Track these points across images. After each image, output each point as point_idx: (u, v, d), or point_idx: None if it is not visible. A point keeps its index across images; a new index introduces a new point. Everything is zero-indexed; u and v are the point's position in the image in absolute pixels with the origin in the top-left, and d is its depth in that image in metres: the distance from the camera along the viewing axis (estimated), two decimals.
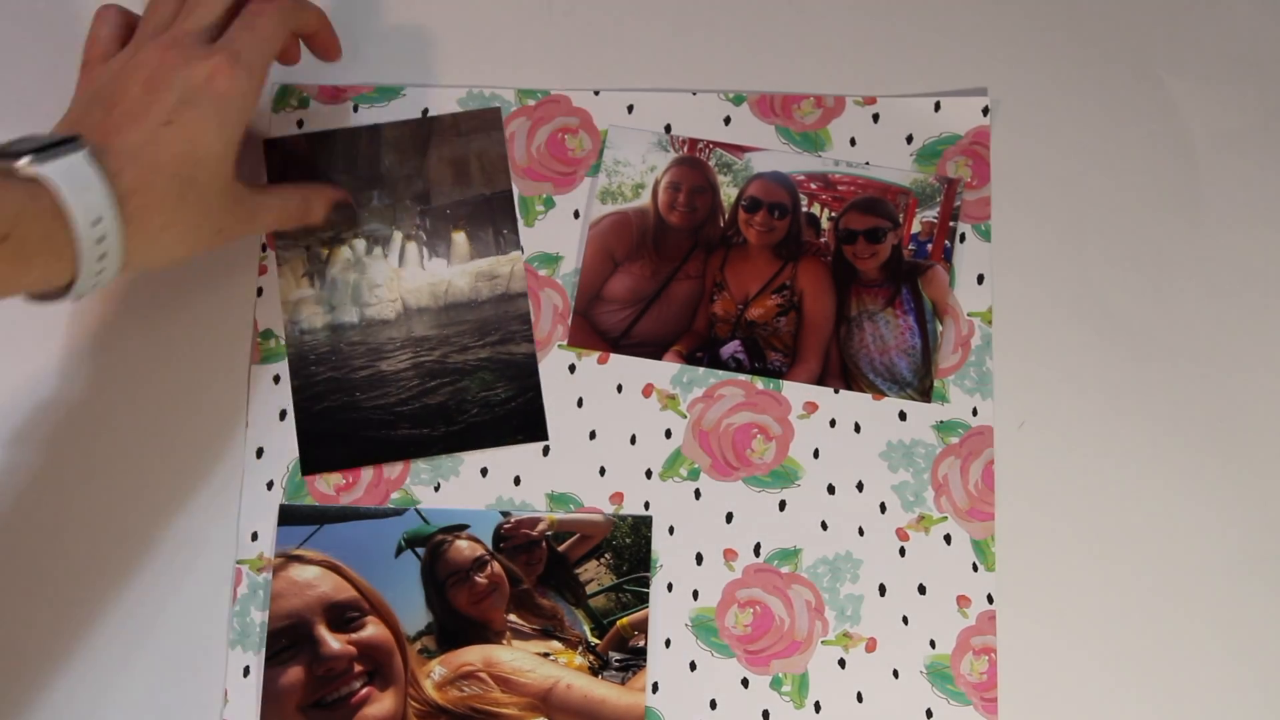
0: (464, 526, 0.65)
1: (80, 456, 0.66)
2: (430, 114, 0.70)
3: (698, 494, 0.66)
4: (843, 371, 0.67)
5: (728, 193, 0.69)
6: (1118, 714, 0.63)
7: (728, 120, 0.70)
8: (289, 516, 0.65)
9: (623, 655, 0.63)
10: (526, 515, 0.65)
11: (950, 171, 0.69)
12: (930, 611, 0.64)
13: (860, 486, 0.66)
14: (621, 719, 0.62)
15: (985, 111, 0.70)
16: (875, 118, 0.70)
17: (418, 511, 0.65)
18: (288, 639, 0.63)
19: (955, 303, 0.68)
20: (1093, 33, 0.72)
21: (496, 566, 0.64)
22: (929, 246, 0.68)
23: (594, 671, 0.63)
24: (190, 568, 0.65)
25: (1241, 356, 0.68)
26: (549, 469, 0.66)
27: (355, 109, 0.70)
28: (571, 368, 0.67)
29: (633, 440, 0.67)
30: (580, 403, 0.67)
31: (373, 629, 0.63)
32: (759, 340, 0.68)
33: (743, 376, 0.67)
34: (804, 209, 0.69)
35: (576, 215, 0.69)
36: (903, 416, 0.67)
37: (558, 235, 0.69)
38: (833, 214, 0.69)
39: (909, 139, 0.70)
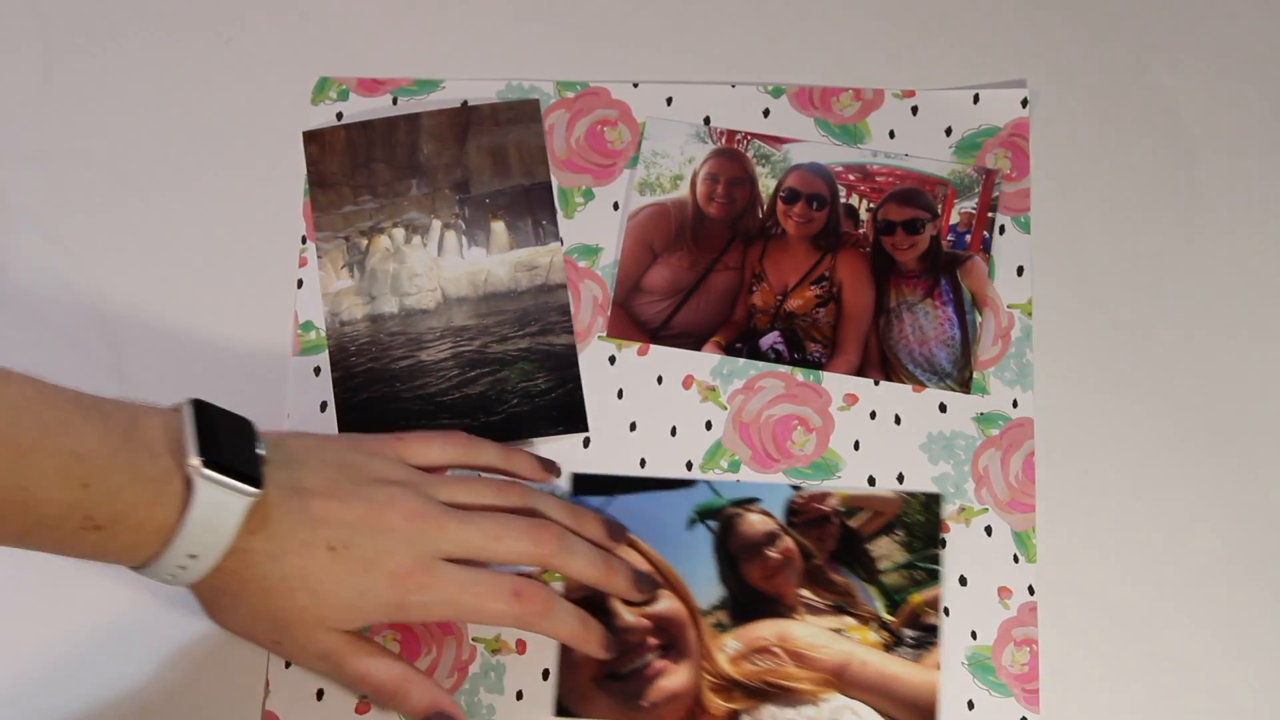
0: (755, 500, 0.65)
1: None
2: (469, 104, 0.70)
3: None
4: (882, 362, 0.67)
5: (766, 184, 0.69)
6: (1160, 704, 0.63)
7: (766, 113, 0.70)
8: (582, 486, 0.65)
9: (916, 632, 0.63)
10: (818, 490, 0.65)
11: (989, 163, 0.69)
12: (971, 603, 0.64)
13: (901, 478, 0.66)
14: (915, 696, 0.62)
15: (1024, 103, 0.70)
16: (914, 110, 0.70)
17: (709, 484, 0.65)
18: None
19: (994, 294, 0.68)
20: (1133, 22, 0.71)
21: (789, 541, 0.64)
22: (968, 237, 0.68)
23: (887, 648, 0.63)
24: None
25: None
26: (589, 461, 0.66)
27: (394, 101, 0.71)
28: (611, 359, 0.67)
29: (673, 432, 0.67)
30: (620, 394, 0.67)
31: (666, 602, 0.63)
32: (798, 331, 0.68)
33: (783, 368, 0.67)
34: (842, 200, 0.69)
35: (616, 207, 0.69)
36: (943, 408, 0.67)
37: (597, 227, 0.69)
38: (871, 205, 0.69)
39: (948, 131, 0.70)
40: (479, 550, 0.56)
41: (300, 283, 0.68)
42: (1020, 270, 0.68)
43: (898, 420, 0.67)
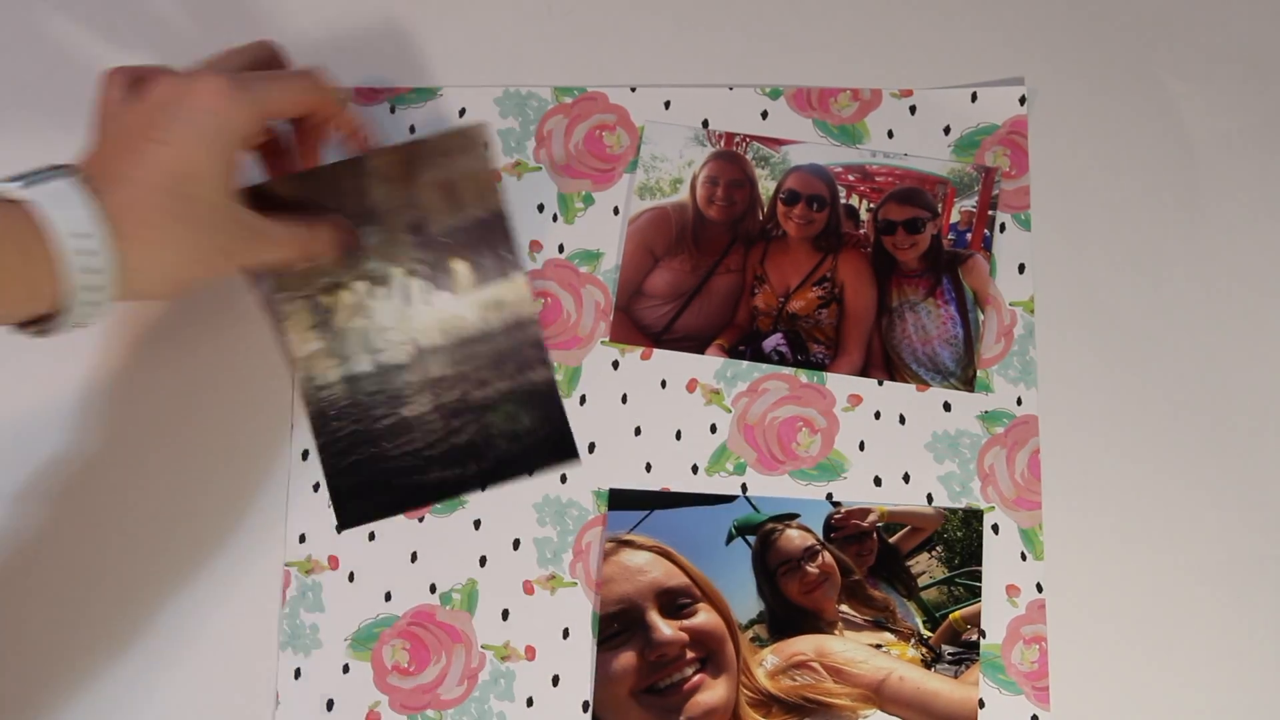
0: (794, 516, 0.65)
1: (130, 459, 0.66)
2: (466, 113, 0.70)
3: (744, 488, 0.66)
4: (885, 362, 0.67)
5: (765, 186, 0.69)
6: (1170, 700, 0.63)
7: (765, 114, 0.70)
8: (619, 501, 0.65)
9: (956, 649, 0.63)
10: (857, 506, 0.65)
11: (989, 161, 0.69)
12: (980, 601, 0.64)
13: (906, 478, 0.66)
14: (954, 713, 0.62)
15: (1022, 101, 0.70)
16: (912, 109, 0.70)
17: (748, 499, 0.65)
18: (620, 624, 0.63)
19: (996, 292, 0.68)
20: (1131, 18, 0.71)
21: (828, 556, 0.64)
22: (968, 236, 0.68)
23: (927, 664, 0.63)
24: (239, 571, 0.65)
25: None
26: (594, 466, 0.66)
27: (392, 110, 0.70)
28: (615, 364, 0.67)
29: (678, 436, 0.66)
30: (624, 399, 0.67)
31: (705, 616, 0.63)
32: (801, 333, 0.68)
33: (786, 370, 0.67)
34: (842, 201, 0.69)
35: (616, 212, 0.69)
36: (947, 407, 0.67)
37: (597, 232, 0.69)
38: (871, 205, 0.69)
39: (946, 130, 0.70)
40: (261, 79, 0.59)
41: None
42: (1021, 268, 0.68)
43: (902, 420, 0.67)
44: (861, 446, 0.66)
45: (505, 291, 0.66)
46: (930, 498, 0.65)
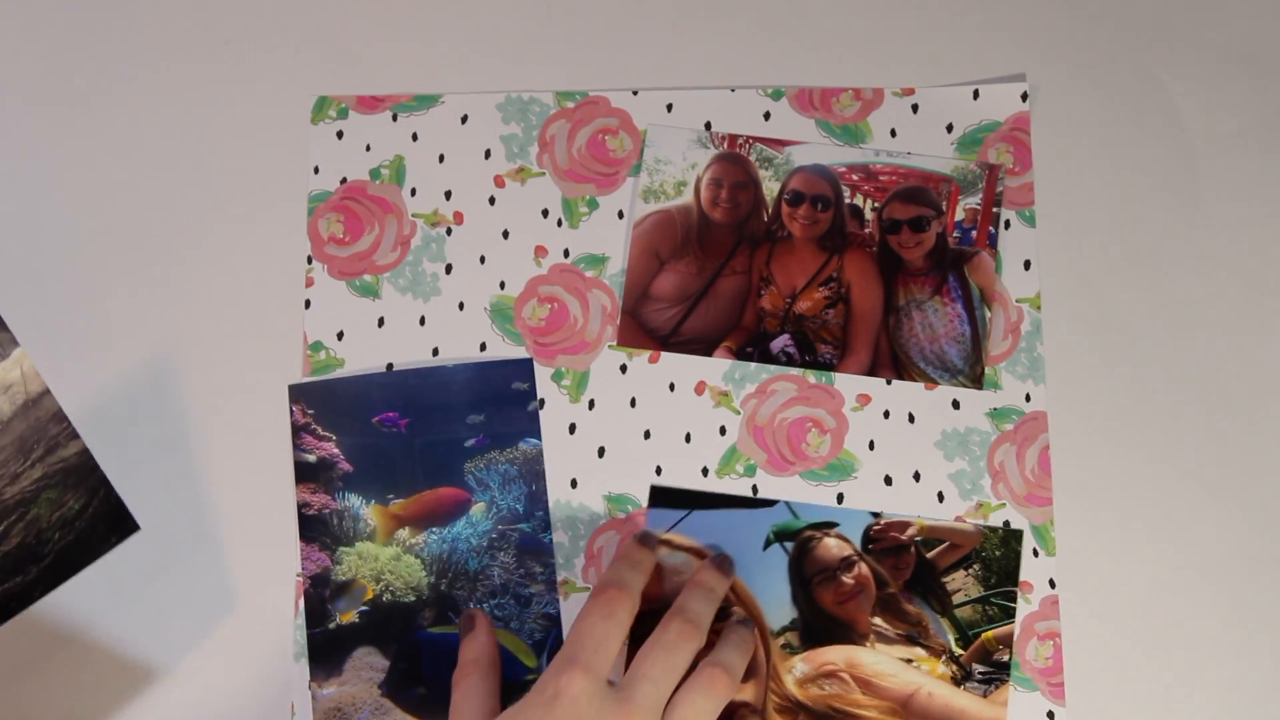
0: (834, 524, 0.65)
1: (131, 470, 0.66)
2: (469, 119, 0.70)
3: (755, 490, 0.66)
4: (893, 361, 0.67)
5: (770, 187, 0.69)
6: (1185, 694, 0.63)
7: (767, 115, 0.70)
8: (660, 498, 0.65)
9: (986, 668, 0.63)
10: (897, 519, 0.64)
11: (992, 158, 0.69)
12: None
13: (917, 477, 0.66)
14: None
15: (1024, 97, 0.70)
16: (915, 108, 0.70)
17: (788, 505, 0.65)
18: (651, 623, 0.61)
19: (1003, 289, 0.68)
20: (1131, 15, 0.72)
21: (864, 568, 0.64)
22: (973, 233, 0.68)
23: (956, 682, 0.63)
24: (252, 582, 0.65)
25: None
26: (604, 470, 0.66)
27: (394, 118, 0.70)
28: (623, 368, 0.67)
29: (687, 438, 0.66)
30: (633, 402, 0.67)
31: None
32: (808, 333, 0.68)
33: (795, 371, 0.67)
34: (847, 200, 0.69)
35: (620, 215, 0.69)
36: (956, 405, 0.67)
37: (602, 236, 0.69)
38: (875, 204, 0.69)
39: (949, 128, 0.70)
40: None
41: (308, 303, 0.68)
42: (1027, 264, 0.68)
43: (911, 419, 0.67)
44: (871, 446, 0.66)
45: (7, 372, 0.59)
46: (941, 495, 0.65)
